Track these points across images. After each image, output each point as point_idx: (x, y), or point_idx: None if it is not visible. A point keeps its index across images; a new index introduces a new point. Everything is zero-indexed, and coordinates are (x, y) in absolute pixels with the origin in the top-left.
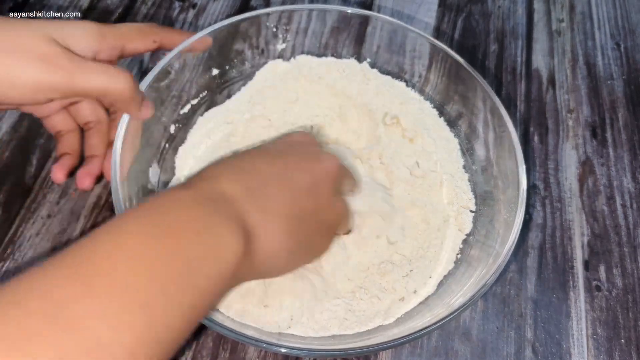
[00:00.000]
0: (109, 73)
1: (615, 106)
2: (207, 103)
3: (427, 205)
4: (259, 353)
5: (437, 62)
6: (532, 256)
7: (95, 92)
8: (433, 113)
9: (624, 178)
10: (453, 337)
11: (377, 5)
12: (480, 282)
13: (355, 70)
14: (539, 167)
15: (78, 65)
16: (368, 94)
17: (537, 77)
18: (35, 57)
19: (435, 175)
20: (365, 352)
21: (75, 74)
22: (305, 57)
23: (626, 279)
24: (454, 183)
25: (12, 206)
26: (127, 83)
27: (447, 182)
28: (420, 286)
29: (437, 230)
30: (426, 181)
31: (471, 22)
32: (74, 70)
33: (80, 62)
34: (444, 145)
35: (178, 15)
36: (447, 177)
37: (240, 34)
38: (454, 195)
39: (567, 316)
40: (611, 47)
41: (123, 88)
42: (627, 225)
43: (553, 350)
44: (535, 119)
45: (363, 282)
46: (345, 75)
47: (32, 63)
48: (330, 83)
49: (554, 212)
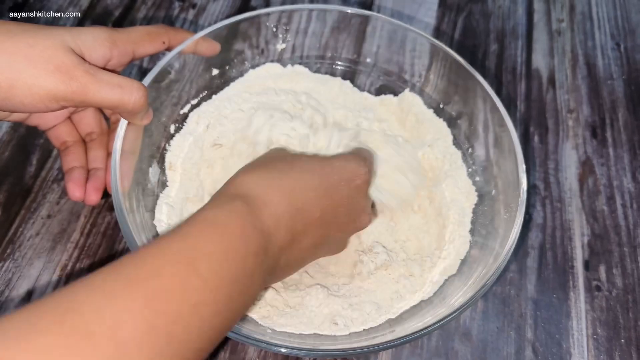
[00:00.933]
0: (123, 86)
1: (616, 106)
2: (206, 103)
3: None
4: (258, 353)
5: (437, 62)
6: (532, 256)
7: (108, 104)
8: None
9: (624, 178)
10: (453, 337)
11: (377, 5)
12: (480, 282)
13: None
14: (539, 167)
15: (93, 77)
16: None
17: (537, 77)
18: (54, 67)
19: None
20: (365, 352)
21: (90, 86)
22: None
23: (626, 279)
24: (454, 182)
25: (12, 206)
26: (141, 97)
27: (448, 180)
28: (421, 286)
29: (437, 230)
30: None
31: (471, 22)
32: (89, 82)
33: (96, 73)
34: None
35: (178, 15)
36: (448, 174)
37: (240, 34)
38: (456, 193)
39: (567, 316)
40: (611, 47)
41: (136, 101)
42: (627, 225)
43: (553, 350)
44: (535, 118)
45: (364, 282)
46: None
47: (50, 73)
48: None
49: (554, 212)
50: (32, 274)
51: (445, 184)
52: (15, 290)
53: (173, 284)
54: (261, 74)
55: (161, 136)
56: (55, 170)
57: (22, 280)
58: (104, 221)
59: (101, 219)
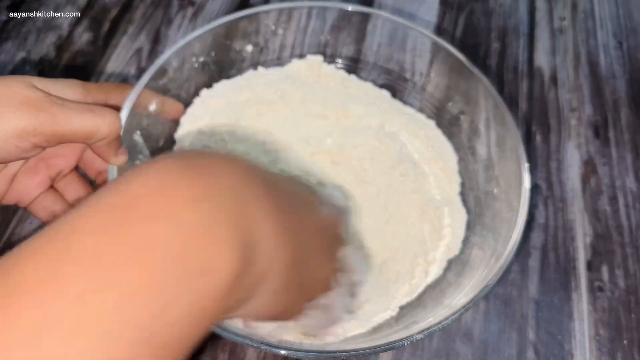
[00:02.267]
0: (94, 110)
1: (618, 105)
2: None
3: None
4: (258, 355)
5: (439, 60)
6: (534, 256)
7: (82, 132)
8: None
9: (626, 178)
10: (454, 338)
11: (378, 3)
12: (482, 283)
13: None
14: (541, 167)
15: (62, 106)
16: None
17: (539, 75)
18: (18, 102)
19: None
20: (365, 353)
21: (60, 115)
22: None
23: (629, 279)
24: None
25: (9, 206)
26: (115, 119)
27: (434, 174)
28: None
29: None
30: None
31: (473, 20)
32: (58, 111)
33: (64, 103)
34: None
35: (177, 13)
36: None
37: (240, 32)
38: (445, 185)
39: (570, 317)
40: (613, 45)
41: (111, 122)
42: (629, 225)
43: (555, 351)
44: (537, 117)
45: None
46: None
47: (15, 108)
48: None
49: (556, 212)
50: None
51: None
52: None
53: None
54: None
55: (160, 135)
56: None
57: None
58: None
59: None
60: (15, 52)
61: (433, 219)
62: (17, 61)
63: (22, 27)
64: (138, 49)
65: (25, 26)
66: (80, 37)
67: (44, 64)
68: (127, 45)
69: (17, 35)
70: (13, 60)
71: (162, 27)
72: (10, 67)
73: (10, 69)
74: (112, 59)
